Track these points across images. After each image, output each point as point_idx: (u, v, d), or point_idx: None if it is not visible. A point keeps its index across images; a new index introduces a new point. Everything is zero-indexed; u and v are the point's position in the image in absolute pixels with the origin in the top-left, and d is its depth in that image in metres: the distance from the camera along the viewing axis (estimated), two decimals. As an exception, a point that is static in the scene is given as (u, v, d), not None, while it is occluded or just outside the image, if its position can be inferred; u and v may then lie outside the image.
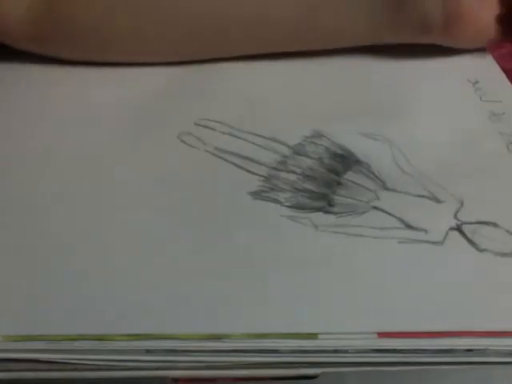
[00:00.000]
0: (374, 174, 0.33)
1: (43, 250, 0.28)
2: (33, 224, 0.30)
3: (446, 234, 0.29)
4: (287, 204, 0.31)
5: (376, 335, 0.25)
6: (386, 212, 0.30)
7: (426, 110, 0.37)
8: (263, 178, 0.32)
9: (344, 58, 0.41)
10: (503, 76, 0.40)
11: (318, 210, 0.31)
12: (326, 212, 0.31)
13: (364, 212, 0.30)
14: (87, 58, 0.40)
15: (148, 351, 0.25)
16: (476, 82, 0.39)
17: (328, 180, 0.32)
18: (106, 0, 0.38)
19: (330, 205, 0.31)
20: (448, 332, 0.25)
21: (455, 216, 0.30)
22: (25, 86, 0.39)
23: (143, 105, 0.38)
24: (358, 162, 0.33)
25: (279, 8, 0.38)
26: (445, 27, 0.38)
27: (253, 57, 0.40)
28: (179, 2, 0.38)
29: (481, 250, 0.28)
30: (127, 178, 0.32)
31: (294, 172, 0.33)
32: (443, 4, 0.38)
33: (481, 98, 0.38)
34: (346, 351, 0.25)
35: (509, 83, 0.39)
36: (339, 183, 0.32)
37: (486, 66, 0.41)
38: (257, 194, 0.32)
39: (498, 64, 0.40)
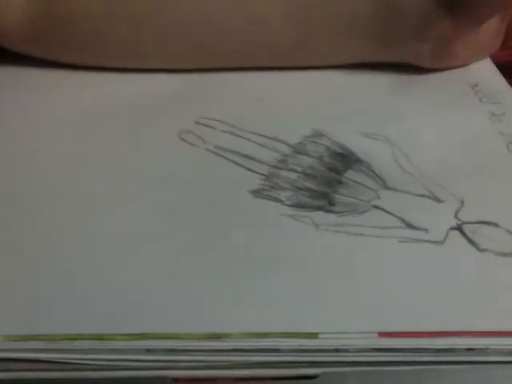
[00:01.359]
0: (374, 172, 0.33)
1: (43, 249, 0.28)
2: (33, 224, 0.30)
3: (447, 233, 0.29)
4: (288, 203, 0.31)
5: (376, 334, 0.25)
6: (387, 211, 0.30)
7: (425, 110, 0.37)
8: (264, 177, 0.32)
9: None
10: (502, 78, 0.40)
11: (319, 208, 0.31)
12: (327, 211, 0.30)
13: (365, 211, 0.30)
14: (85, 61, 0.40)
15: (148, 351, 0.25)
16: (475, 85, 0.39)
17: (328, 179, 0.32)
18: (103, 4, 0.38)
19: (331, 204, 0.31)
20: (448, 331, 0.25)
21: (456, 216, 0.30)
22: (24, 88, 0.39)
23: (143, 104, 0.38)
24: (358, 160, 0.33)
25: (275, 26, 0.38)
26: (433, 63, 0.39)
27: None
28: (178, 14, 0.38)
29: (481, 250, 0.28)
30: (127, 177, 0.32)
31: (294, 171, 0.33)
32: (433, 46, 0.38)
33: (480, 100, 0.38)
34: (346, 350, 0.25)
35: (508, 85, 0.39)
36: (340, 182, 0.32)
37: (484, 69, 0.41)
38: (257, 193, 0.32)
39: (498, 65, 0.40)
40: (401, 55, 0.39)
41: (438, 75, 0.40)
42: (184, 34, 0.38)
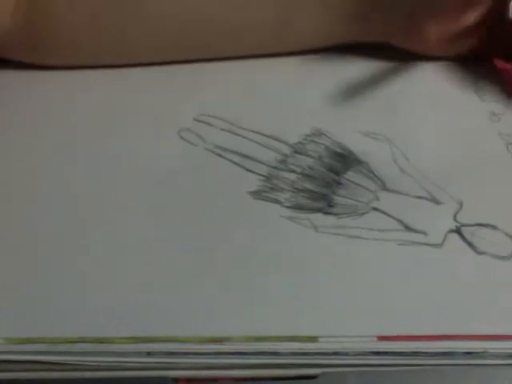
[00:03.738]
0: (373, 173, 0.33)
1: (43, 252, 0.28)
2: (33, 226, 0.30)
3: (445, 236, 0.29)
4: (287, 204, 0.31)
5: (375, 338, 0.25)
6: (386, 213, 0.30)
7: (426, 110, 0.37)
8: (263, 178, 0.32)
9: (345, 57, 0.41)
10: (503, 76, 0.40)
11: (318, 210, 0.31)
12: (326, 213, 0.31)
13: (364, 213, 0.31)
14: (77, 64, 0.40)
15: (149, 354, 0.25)
16: (475, 82, 0.39)
17: (328, 180, 0.32)
18: (91, 8, 0.38)
19: (330, 205, 0.31)
20: (447, 335, 0.25)
21: (454, 218, 0.30)
22: (19, 89, 0.39)
23: (142, 102, 0.37)
24: (357, 161, 0.33)
25: (256, 11, 0.38)
26: (406, 39, 0.39)
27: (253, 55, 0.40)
28: (163, 6, 0.38)
29: (479, 253, 0.29)
30: (126, 178, 0.32)
31: (293, 171, 0.33)
32: (405, 19, 0.38)
33: (481, 99, 0.38)
34: (345, 354, 0.25)
35: (508, 83, 0.39)
36: (339, 183, 0.32)
37: (485, 66, 0.41)
38: (257, 194, 0.32)
39: (498, 64, 0.40)
40: (371, 32, 0.39)
41: (439, 74, 0.40)
42: (170, 28, 0.38)
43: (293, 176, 0.33)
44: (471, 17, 0.37)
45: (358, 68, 0.40)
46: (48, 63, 0.39)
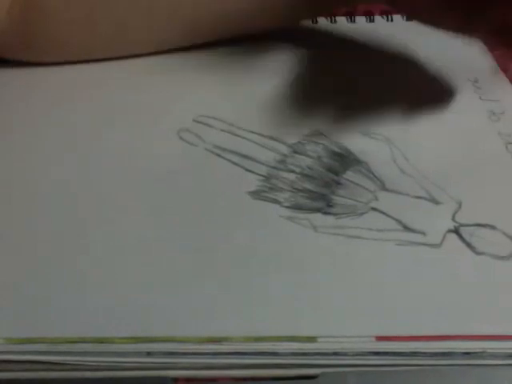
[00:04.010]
0: (372, 173, 0.33)
1: (43, 252, 0.29)
2: (33, 226, 0.30)
3: (444, 236, 0.29)
4: (286, 204, 0.31)
5: (375, 338, 0.25)
6: (385, 213, 0.31)
7: (425, 109, 0.37)
8: (263, 178, 0.33)
9: (344, 57, 0.41)
10: (502, 75, 0.40)
11: (317, 210, 0.31)
12: (325, 213, 0.31)
13: (363, 213, 0.31)
14: (75, 59, 0.40)
15: (149, 354, 0.25)
16: (475, 81, 0.39)
17: (327, 180, 0.32)
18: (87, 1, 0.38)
19: (329, 205, 0.31)
20: (445, 335, 0.25)
21: (453, 218, 0.30)
22: (19, 88, 0.39)
23: (142, 102, 0.38)
24: (357, 161, 0.33)
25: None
26: None
27: (252, 53, 0.40)
28: None
29: (478, 253, 0.29)
30: (126, 178, 0.32)
31: (293, 171, 0.33)
32: None
33: (480, 97, 0.38)
34: (345, 354, 0.25)
35: (508, 82, 0.39)
36: (338, 183, 0.32)
37: (485, 65, 0.41)
38: (256, 194, 0.32)
39: (498, 64, 0.40)
40: None
41: (438, 72, 0.40)
42: (171, 11, 0.39)
43: (292, 176, 0.33)
44: None
45: (357, 68, 0.40)
46: (44, 60, 0.40)
